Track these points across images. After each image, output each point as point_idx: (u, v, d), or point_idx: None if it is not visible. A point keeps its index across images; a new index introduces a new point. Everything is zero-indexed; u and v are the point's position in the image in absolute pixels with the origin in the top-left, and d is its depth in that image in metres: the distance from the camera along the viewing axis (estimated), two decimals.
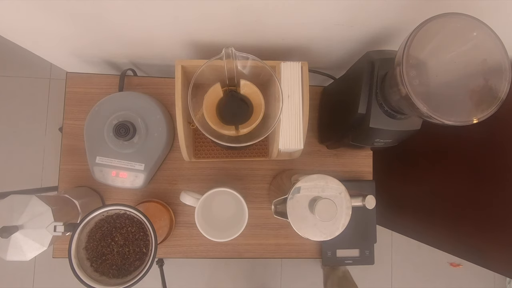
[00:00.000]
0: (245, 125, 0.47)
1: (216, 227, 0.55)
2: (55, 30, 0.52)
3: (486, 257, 0.59)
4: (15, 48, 0.57)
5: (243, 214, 0.51)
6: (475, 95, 0.33)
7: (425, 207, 0.74)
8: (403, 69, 0.32)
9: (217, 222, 0.58)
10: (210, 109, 0.47)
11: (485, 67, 0.33)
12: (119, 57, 0.66)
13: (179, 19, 0.47)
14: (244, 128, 0.47)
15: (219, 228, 0.55)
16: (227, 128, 0.46)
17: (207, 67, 0.43)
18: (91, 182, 0.61)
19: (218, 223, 0.58)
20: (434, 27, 0.33)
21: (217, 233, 0.52)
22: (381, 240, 0.66)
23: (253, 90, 0.48)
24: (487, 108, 0.32)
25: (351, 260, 0.63)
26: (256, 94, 0.48)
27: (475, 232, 0.60)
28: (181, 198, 0.50)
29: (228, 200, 0.59)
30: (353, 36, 0.53)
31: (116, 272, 0.45)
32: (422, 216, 0.76)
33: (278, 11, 0.45)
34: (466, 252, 0.64)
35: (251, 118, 0.48)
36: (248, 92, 0.48)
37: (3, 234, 0.40)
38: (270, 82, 0.51)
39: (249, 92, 0.48)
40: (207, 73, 0.45)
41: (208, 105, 0.47)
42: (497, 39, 0.33)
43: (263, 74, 0.50)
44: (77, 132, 0.61)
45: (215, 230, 0.53)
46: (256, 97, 0.48)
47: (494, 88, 0.32)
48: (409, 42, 0.32)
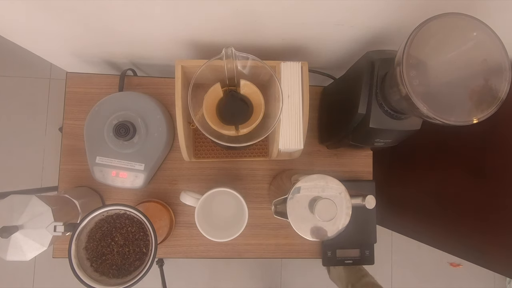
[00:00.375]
0: (245, 125, 0.47)
1: (216, 227, 0.55)
2: (55, 30, 0.52)
3: (486, 257, 0.59)
4: (15, 48, 0.57)
5: (243, 214, 0.51)
6: (475, 95, 0.33)
7: (425, 207, 0.74)
8: (403, 69, 0.32)
9: (217, 222, 0.58)
10: (210, 109, 0.47)
11: (485, 67, 0.33)
12: (119, 57, 0.66)
13: (179, 19, 0.47)
14: (244, 128, 0.47)
15: (219, 228, 0.55)
16: (227, 128, 0.46)
17: (207, 67, 0.43)
18: (91, 182, 0.61)
19: (218, 223, 0.58)
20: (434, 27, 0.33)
21: (217, 233, 0.52)
22: (381, 240, 0.66)
23: (253, 90, 0.48)
24: (487, 108, 0.32)
25: (351, 260, 0.63)
26: (256, 94, 0.48)
27: (475, 232, 0.60)
28: (181, 198, 0.50)
29: (228, 200, 0.59)
30: (353, 36, 0.53)
31: (116, 272, 0.45)
32: (422, 216, 0.76)
33: (278, 11, 0.45)
34: (466, 252, 0.64)
35: (251, 118, 0.48)
36: (248, 92, 0.48)
37: (3, 234, 0.40)
38: (270, 82, 0.51)
39: (249, 92, 0.48)
40: (207, 73, 0.45)
41: (208, 105, 0.47)
42: (497, 39, 0.33)
43: (263, 74, 0.50)
44: (77, 132, 0.61)
45: (215, 230, 0.53)
46: (256, 97, 0.48)
47: (494, 88, 0.32)
48: (409, 42, 0.32)
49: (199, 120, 0.44)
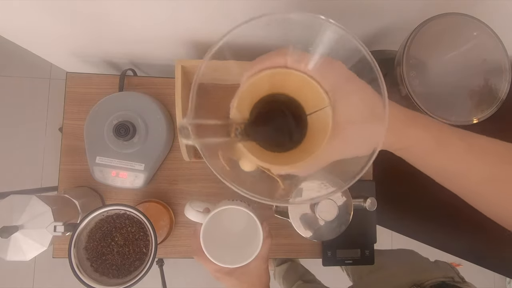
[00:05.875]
0: (287, 157, 0.26)
1: (225, 245, 0.47)
2: (56, 30, 0.52)
3: (486, 257, 0.59)
4: (15, 48, 0.57)
5: (257, 233, 0.43)
6: (475, 95, 0.33)
7: (425, 207, 0.74)
8: (403, 69, 0.32)
9: (225, 238, 0.49)
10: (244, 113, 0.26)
11: (485, 67, 0.33)
12: (119, 57, 0.66)
13: (179, 19, 0.47)
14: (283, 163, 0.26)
15: (228, 246, 0.47)
16: (280, 161, 0.26)
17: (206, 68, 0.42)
18: (91, 182, 0.61)
19: (227, 240, 0.49)
20: (434, 27, 0.33)
21: (227, 253, 0.43)
22: (381, 240, 0.66)
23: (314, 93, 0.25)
24: (487, 108, 0.32)
25: (351, 260, 0.63)
26: (315, 96, 0.25)
27: (475, 232, 0.60)
28: (186, 212, 0.44)
29: (237, 212, 0.51)
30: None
31: (116, 272, 0.45)
32: (422, 216, 0.76)
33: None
34: (466, 252, 0.64)
35: (300, 148, 0.27)
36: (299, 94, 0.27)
37: (3, 234, 0.40)
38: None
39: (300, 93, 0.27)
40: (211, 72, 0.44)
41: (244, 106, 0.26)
42: (497, 39, 0.33)
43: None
44: (77, 132, 0.61)
45: (224, 250, 0.44)
46: (313, 103, 0.26)
47: (494, 88, 0.32)
48: (409, 42, 0.32)
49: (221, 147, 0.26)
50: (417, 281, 0.59)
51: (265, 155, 0.26)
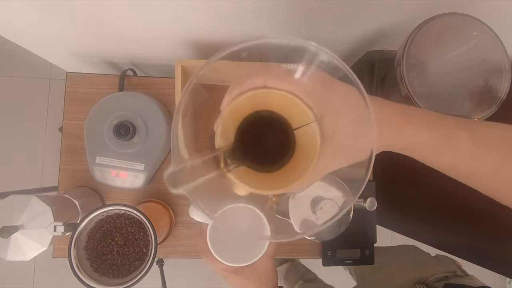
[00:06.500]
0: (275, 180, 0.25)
1: (230, 244, 0.45)
2: (55, 30, 0.52)
3: (486, 257, 0.59)
4: (15, 48, 0.57)
5: (263, 230, 0.42)
6: (475, 95, 0.33)
7: (425, 207, 0.74)
8: (403, 69, 0.32)
9: (230, 237, 0.48)
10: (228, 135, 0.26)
11: (485, 67, 0.33)
12: (119, 57, 0.66)
13: (179, 19, 0.47)
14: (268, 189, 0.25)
15: (233, 244, 0.45)
16: (269, 184, 0.25)
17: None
18: (91, 182, 0.61)
19: (232, 238, 0.48)
20: (434, 27, 0.33)
21: (233, 252, 0.42)
22: (381, 240, 0.66)
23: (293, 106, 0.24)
24: (487, 108, 0.32)
25: (351, 260, 0.63)
26: (300, 112, 0.24)
27: (475, 232, 0.60)
28: (190, 213, 0.43)
29: (243, 209, 0.49)
30: (353, 36, 0.53)
31: (116, 272, 0.45)
32: (422, 216, 0.76)
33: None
34: (466, 252, 0.64)
35: (292, 163, 0.26)
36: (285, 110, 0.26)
37: (3, 234, 0.40)
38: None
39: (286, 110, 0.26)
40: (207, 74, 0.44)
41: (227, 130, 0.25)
42: (497, 39, 0.33)
43: None
44: (77, 132, 0.61)
45: (230, 248, 0.43)
46: (298, 118, 0.25)
47: (494, 88, 0.32)
48: (409, 42, 0.32)
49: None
50: (420, 278, 0.58)
51: (258, 179, 0.25)
